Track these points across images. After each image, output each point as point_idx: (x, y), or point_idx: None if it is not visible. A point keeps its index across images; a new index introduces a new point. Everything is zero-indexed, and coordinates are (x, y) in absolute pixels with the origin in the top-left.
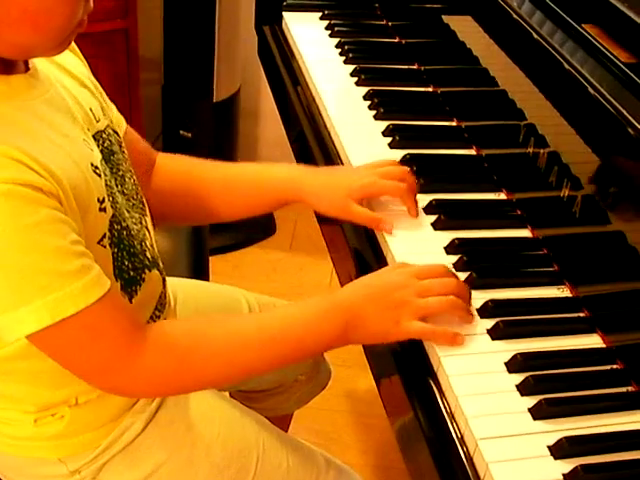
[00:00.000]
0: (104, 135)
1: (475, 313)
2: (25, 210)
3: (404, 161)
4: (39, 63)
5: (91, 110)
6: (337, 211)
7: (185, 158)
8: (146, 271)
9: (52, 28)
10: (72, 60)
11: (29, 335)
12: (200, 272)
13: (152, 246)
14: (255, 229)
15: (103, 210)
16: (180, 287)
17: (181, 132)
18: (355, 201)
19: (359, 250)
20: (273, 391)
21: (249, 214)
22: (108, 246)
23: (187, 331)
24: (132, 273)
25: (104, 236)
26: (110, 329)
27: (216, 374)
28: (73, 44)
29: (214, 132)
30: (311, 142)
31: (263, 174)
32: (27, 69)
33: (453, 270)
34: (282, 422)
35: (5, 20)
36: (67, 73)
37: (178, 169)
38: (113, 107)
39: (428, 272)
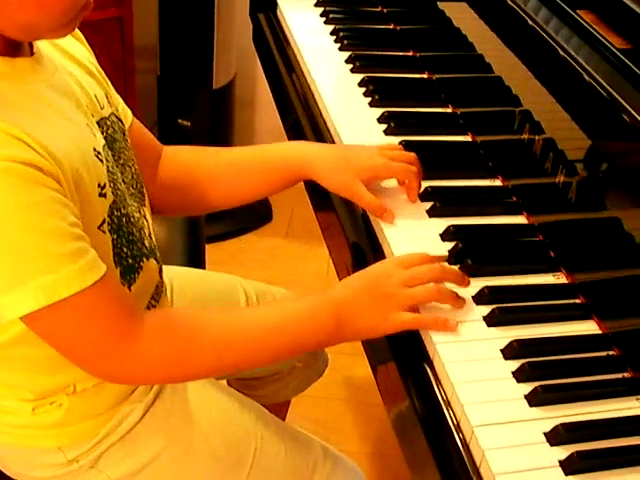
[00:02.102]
0: (108, 122)
1: (468, 298)
2: (25, 189)
3: None
4: (45, 49)
5: (96, 97)
6: (344, 190)
7: (190, 148)
8: (144, 259)
9: (56, 7)
10: (78, 48)
11: (23, 317)
12: (196, 260)
13: (150, 235)
14: (252, 217)
15: (103, 195)
16: (177, 275)
17: (179, 121)
18: (363, 181)
19: (355, 238)
20: (271, 378)
21: (260, 196)
22: (108, 232)
23: (185, 319)
24: (130, 260)
25: (104, 221)
26: (104, 314)
27: (212, 363)
28: (79, 32)
29: (212, 121)
30: (306, 129)
31: (272, 154)
32: (32, 53)
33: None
34: (279, 410)
35: None
36: (73, 60)
37: (185, 159)
38: (119, 98)
39: (412, 259)
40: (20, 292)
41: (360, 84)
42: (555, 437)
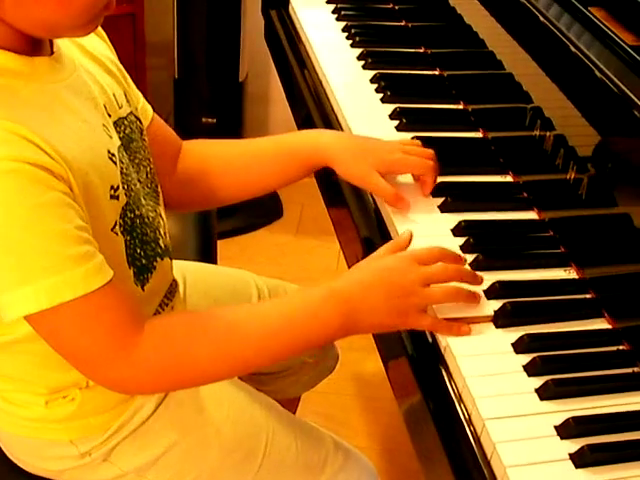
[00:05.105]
0: (125, 122)
1: (481, 294)
2: (33, 190)
3: None
4: (65, 47)
5: (114, 96)
6: (360, 179)
7: (206, 141)
8: (158, 259)
9: (77, 6)
10: (99, 45)
11: (26, 316)
12: (208, 256)
13: (165, 234)
14: (262, 213)
15: (115, 198)
16: (189, 270)
17: (204, 119)
18: (380, 174)
19: (367, 232)
20: (282, 374)
21: (276, 185)
22: (120, 234)
23: (185, 324)
24: (144, 261)
25: (116, 224)
26: (106, 320)
27: (215, 369)
28: (100, 29)
29: (235, 116)
30: (318, 125)
31: (288, 141)
32: (52, 52)
33: (460, 252)
34: (290, 405)
35: None
36: (92, 58)
37: (199, 151)
38: (140, 95)
39: (427, 256)
40: (23, 292)
41: (372, 80)
42: (566, 430)
